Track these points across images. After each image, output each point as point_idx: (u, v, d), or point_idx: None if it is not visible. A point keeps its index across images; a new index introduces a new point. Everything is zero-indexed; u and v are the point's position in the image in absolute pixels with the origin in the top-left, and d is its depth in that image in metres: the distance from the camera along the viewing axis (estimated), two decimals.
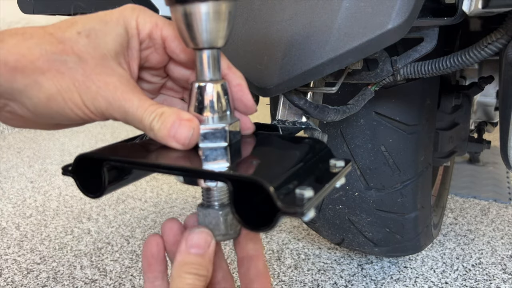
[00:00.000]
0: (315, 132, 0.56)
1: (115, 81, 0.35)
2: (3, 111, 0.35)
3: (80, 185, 0.37)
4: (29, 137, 2.50)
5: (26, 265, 1.15)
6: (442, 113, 0.98)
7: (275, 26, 0.51)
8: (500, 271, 1.09)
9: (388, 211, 0.87)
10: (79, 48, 0.34)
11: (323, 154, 0.38)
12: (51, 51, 0.33)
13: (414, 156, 0.82)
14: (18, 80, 0.33)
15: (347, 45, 0.47)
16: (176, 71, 0.42)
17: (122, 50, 0.37)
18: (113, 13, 0.37)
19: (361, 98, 0.61)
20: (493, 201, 1.50)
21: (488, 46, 0.54)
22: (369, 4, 0.47)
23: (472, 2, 0.49)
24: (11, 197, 1.61)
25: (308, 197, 0.29)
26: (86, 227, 1.35)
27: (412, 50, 0.58)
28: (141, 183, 1.70)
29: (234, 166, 0.34)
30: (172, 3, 0.34)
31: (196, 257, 0.36)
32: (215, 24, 0.34)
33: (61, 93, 0.34)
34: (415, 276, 1.06)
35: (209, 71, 0.37)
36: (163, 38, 0.38)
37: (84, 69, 0.34)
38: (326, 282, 1.04)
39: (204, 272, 0.36)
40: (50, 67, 0.33)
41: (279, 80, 0.50)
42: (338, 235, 0.98)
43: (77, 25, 0.35)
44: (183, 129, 0.35)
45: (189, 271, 0.35)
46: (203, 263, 0.36)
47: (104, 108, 0.35)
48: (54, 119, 0.36)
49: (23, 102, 0.34)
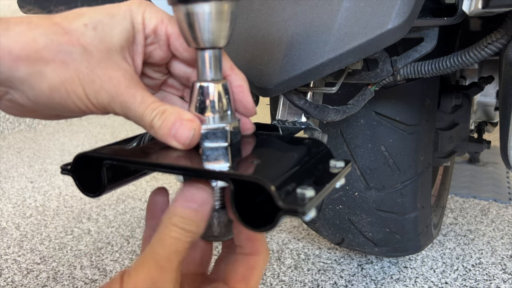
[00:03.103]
0: (315, 132, 0.56)
1: (120, 75, 0.35)
2: (4, 99, 0.35)
3: (79, 184, 0.37)
4: (29, 137, 2.50)
5: (26, 265, 1.15)
6: (442, 113, 0.98)
7: (275, 26, 0.51)
8: (500, 271, 1.09)
9: (388, 211, 0.87)
10: (85, 40, 0.34)
11: (323, 155, 0.38)
12: (57, 41, 0.33)
13: (414, 156, 0.82)
14: (21, 69, 0.32)
15: (347, 45, 0.47)
16: (178, 69, 0.42)
17: (127, 44, 0.37)
18: (120, 7, 0.37)
19: (361, 98, 0.61)
20: (493, 201, 1.50)
21: (488, 46, 0.54)
22: (369, 4, 0.47)
23: (472, 2, 0.49)
24: (11, 197, 1.61)
25: (309, 197, 0.29)
26: (86, 227, 1.35)
27: (412, 50, 0.58)
28: (141, 183, 1.70)
29: (235, 166, 0.34)
30: (174, 2, 0.34)
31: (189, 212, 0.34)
32: (217, 24, 0.34)
33: (64, 85, 0.33)
34: (415, 276, 1.06)
35: (210, 71, 0.37)
36: (168, 35, 0.38)
37: (89, 61, 0.34)
38: (326, 282, 1.04)
39: (193, 228, 0.34)
40: (54, 57, 0.33)
41: (279, 80, 0.50)
42: (338, 235, 0.98)
43: (84, 17, 0.35)
44: (184, 129, 0.35)
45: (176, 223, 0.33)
46: (195, 219, 0.34)
47: (106, 102, 0.35)
48: (55, 110, 0.35)
49: (24, 91, 0.34)
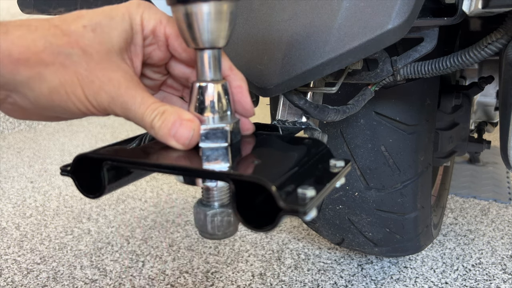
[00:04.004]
0: (315, 132, 0.56)
1: (119, 77, 0.35)
2: (5, 102, 0.35)
3: (79, 186, 0.37)
4: (29, 137, 2.50)
5: (26, 265, 1.15)
6: (442, 113, 0.98)
7: (275, 26, 0.51)
8: (500, 271, 1.09)
9: (388, 211, 0.87)
10: (84, 42, 0.34)
11: (323, 154, 0.38)
12: (56, 44, 0.33)
13: (414, 156, 0.82)
14: (21, 72, 0.32)
15: (347, 45, 0.47)
16: (177, 69, 0.42)
17: (126, 46, 0.37)
18: (119, 8, 0.37)
19: (361, 98, 0.61)
20: (493, 201, 1.50)
21: (488, 46, 0.54)
22: (369, 4, 0.47)
23: (472, 2, 0.49)
24: (11, 197, 1.60)
25: (310, 197, 0.29)
26: (86, 227, 1.35)
27: (412, 50, 0.58)
28: (141, 183, 1.70)
29: (235, 166, 0.34)
30: (173, 2, 0.34)
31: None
32: (216, 24, 0.34)
33: (64, 87, 0.33)
34: (415, 276, 1.06)
35: (210, 71, 0.37)
36: (166, 36, 0.38)
37: (88, 63, 0.34)
38: (326, 282, 1.04)
39: None
40: (54, 60, 0.33)
41: (279, 80, 0.50)
42: (338, 235, 0.98)
43: (83, 19, 0.35)
44: (184, 130, 0.35)
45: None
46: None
47: (106, 104, 0.35)
48: (56, 112, 0.35)
49: (25, 94, 0.34)
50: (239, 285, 1.03)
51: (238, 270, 1.10)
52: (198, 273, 1.08)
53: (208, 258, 1.15)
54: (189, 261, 1.14)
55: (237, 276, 1.07)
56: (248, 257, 1.16)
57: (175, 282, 1.05)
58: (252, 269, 1.10)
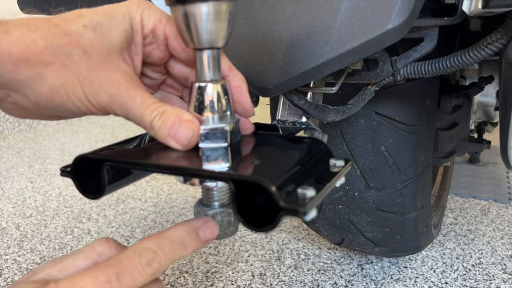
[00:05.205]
0: (315, 132, 0.56)
1: (119, 77, 0.35)
2: (6, 101, 0.35)
3: (79, 186, 0.37)
4: (29, 137, 2.50)
5: (26, 265, 1.15)
6: (442, 113, 0.98)
7: (275, 26, 0.51)
8: (500, 271, 1.09)
9: (388, 211, 0.87)
10: (84, 41, 0.34)
11: (323, 154, 0.38)
12: (56, 44, 0.33)
13: (414, 156, 0.82)
14: (21, 72, 0.32)
15: (347, 45, 0.47)
16: (176, 69, 0.42)
17: (126, 45, 0.37)
18: (119, 7, 0.37)
19: (361, 98, 0.61)
20: (493, 201, 1.50)
21: (488, 46, 0.53)
22: (369, 4, 0.47)
23: (472, 2, 0.49)
24: (11, 197, 1.61)
25: (310, 197, 0.29)
26: (86, 227, 1.35)
27: (412, 50, 0.58)
28: (141, 183, 1.70)
29: (235, 166, 0.34)
30: (172, 3, 0.34)
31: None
32: (215, 24, 0.34)
33: (64, 87, 0.33)
34: (415, 276, 1.06)
35: (209, 71, 0.37)
36: (166, 35, 0.38)
37: (88, 63, 0.34)
38: (326, 282, 1.04)
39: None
40: (54, 59, 0.33)
41: (279, 80, 0.50)
42: (338, 235, 0.98)
43: (84, 18, 0.35)
44: (183, 130, 0.35)
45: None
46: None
47: (106, 104, 0.35)
48: (56, 111, 0.36)
49: (25, 94, 0.34)
50: (239, 285, 1.03)
51: (238, 270, 1.10)
52: (198, 273, 1.08)
53: (208, 258, 1.15)
54: (189, 261, 1.14)
55: (237, 276, 1.07)
56: (248, 257, 1.16)
57: (175, 282, 1.05)
58: (252, 269, 1.10)
